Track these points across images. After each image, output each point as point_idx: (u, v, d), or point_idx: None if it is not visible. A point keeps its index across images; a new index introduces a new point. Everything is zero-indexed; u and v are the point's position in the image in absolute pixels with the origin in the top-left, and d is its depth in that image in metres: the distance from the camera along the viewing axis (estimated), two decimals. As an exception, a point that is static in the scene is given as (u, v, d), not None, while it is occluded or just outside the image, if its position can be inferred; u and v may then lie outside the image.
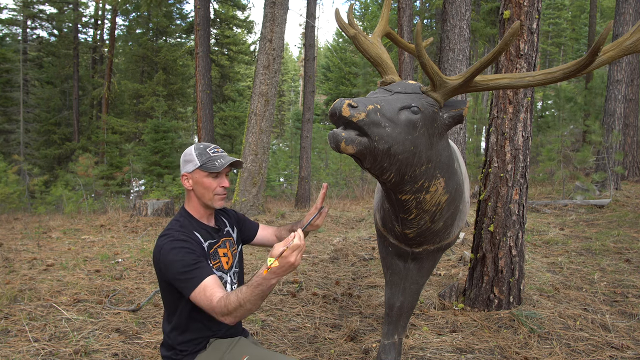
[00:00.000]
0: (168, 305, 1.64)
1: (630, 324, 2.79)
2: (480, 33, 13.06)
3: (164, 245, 1.52)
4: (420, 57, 1.43)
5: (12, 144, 17.55)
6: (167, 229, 1.59)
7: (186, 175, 1.65)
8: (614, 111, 8.29)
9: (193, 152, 1.65)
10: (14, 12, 19.03)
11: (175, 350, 1.63)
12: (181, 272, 1.46)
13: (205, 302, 1.42)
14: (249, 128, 7.49)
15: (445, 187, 1.62)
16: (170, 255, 1.49)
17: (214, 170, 1.61)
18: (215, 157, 1.63)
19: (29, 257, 4.45)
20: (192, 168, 1.63)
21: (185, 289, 1.46)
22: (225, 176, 1.69)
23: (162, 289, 1.63)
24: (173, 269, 1.48)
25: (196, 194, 1.66)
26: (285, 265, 1.28)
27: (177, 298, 1.58)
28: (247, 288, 1.34)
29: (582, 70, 1.38)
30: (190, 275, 1.46)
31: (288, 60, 45.11)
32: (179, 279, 1.47)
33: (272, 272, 1.29)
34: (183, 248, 1.51)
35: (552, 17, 29.78)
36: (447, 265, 4.22)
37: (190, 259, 1.49)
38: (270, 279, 1.30)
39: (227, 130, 18.66)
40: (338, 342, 2.66)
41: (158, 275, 1.59)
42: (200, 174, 1.63)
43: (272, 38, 7.21)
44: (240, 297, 1.34)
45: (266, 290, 1.33)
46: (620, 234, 5.04)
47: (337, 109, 1.34)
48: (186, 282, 1.46)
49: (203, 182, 1.63)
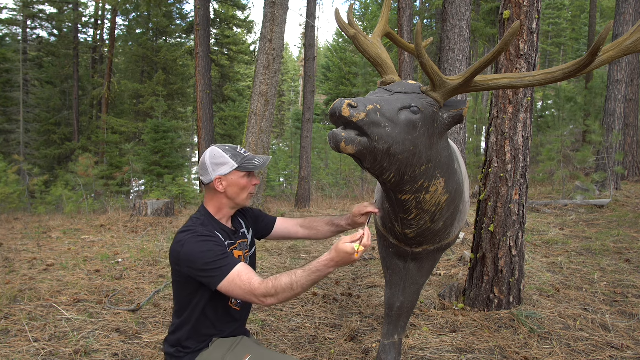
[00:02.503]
0: (180, 301, 1.64)
1: (630, 324, 2.79)
2: (480, 33, 13.06)
3: (188, 239, 1.53)
4: (420, 57, 1.43)
5: (12, 144, 17.53)
6: (189, 226, 1.59)
7: (221, 178, 1.63)
8: (614, 111, 8.29)
9: (224, 154, 1.64)
10: (14, 12, 18.99)
11: (178, 347, 1.63)
12: (210, 262, 1.47)
13: (242, 286, 1.44)
14: (249, 128, 7.49)
15: (445, 187, 1.62)
16: (197, 248, 1.50)
17: (254, 169, 1.64)
18: (250, 157, 1.66)
19: (29, 257, 4.45)
20: (229, 170, 1.62)
21: (213, 279, 1.47)
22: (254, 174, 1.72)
23: (176, 284, 1.62)
24: (200, 260, 1.48)
25: (228, 195, 1.66)
26: (348, 258, 1.38)
27: (191, 293, 1.59)
28: (303, 272, 1.41)
29: (582, 70, 1.38)
30: (221, 264, 1.48)
31: (288, 60, 45.11)
32: (206, 270, 1.48)
33: (333, 262, 1.39)
34: (209, 241, 1.53)
35: (552, 17, 29.78)
36: (447, 265, 4.22)
37: (219, 250, 1.52)
38: (330, 266, 1.40)
39: (227, 130, 18.67)
40: (338, 342, 2.66)
41: (175, 269, 1.58)
42: (237, 175, 1.64)
43: (272, 38, 7.21)
44: (294, 279, 1.40)
45: (320, 278, 1.41)
46: (620, 234, 5.04)
47: (337, 109, 1.34)
48: (215, 271, 1.47)
49: (239, 183, 1.65)
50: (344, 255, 1.38)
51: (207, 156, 1.65)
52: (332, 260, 1.39)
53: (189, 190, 9.39)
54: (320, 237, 1.94)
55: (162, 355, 2.45)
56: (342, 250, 1.38)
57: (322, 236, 1.94)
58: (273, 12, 7.26)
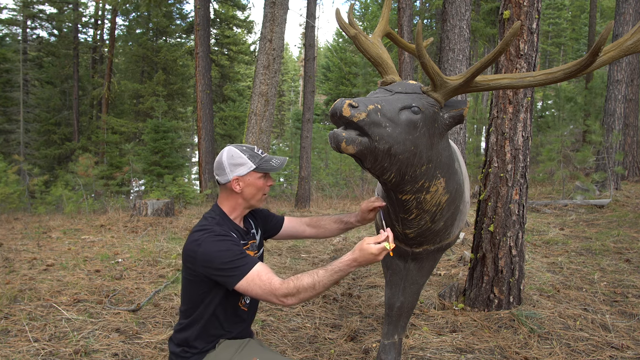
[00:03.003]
0: (191, 299, 1.62)
1: (630, 324, 2.79)
2: (480, 33, 13.06)
3: (205, 238, 1.53)
4: (421, 57, 1.43)
5: (12, 144, 17.52)
6: (204, 225, 1.59)
7: (238, 179, 1.63)
8: (614, 111, 8.29)
9: (242, 154, 1.63)
10: (14, 12, 18.98)
11: (184, 347, 1.63)
12: (228, 262, 1.48)
13: (262, 285, 1.45)
14: (249, 128, 7.48)
15: (446, 187, 1.61)
16: (215, 247, 1.50)
17: (272, 170, 1.64)
18: (267, 157, 1.67)
19: (29, 257, 4.45)
20: (246, 170, 1.62)
21: (231, 278, 1.48)
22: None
23: (188, 283, 1.61)
24: (218, 259, 1.48)
25: (244, 196, 1.66)
26: (372, 259, 1.41)
27: (204, 292, 1.58)
28: (325, 272, 1.43)
29: (583, 70, 1.38)
30: (239, 263, 1.48)
31: (288, 60, 45.10)
32: (224, 269, 1.48)
33: (356, 262, 1.42)
34: (227, 241, 1.53)
35: (552, 17, 29.78)
36: (447, 265, 4.22)
37: (237, 250, 1.52)
38: (352, 266, 1.42)
39: (227, 130, 18.66)
40: (338, 342, 2.66)
41: (188, 268, 1.57)
42: (255, 176, 1.64)
43: (272, 38, 7.21)
44: (316, 279, 1.42)
45: (341, 277, 1.44)
46: (620, 234, 5.04)
47: (338, 109, 1.34)
48: (234, 270, 1.47)
49: (256, 183, 1.65)
50: (368, 255, 1.40)
51: (224, 156, 1.64)
52: (355, 261, 1.42)
53: (189, 190, 9.38)
54: (327, 235, 1.96)
55: (162, 355, 2.45)
56: (367, 250, 1.40)
57: (330, 234, 1.96)
58: (273, 12, 7.26)
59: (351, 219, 1.92)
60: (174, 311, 3.11)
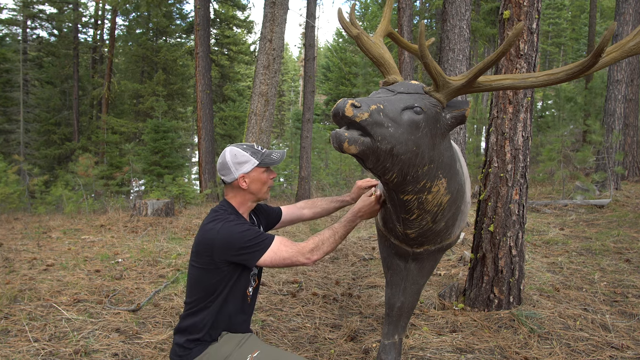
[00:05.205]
0: (205, 289, 1.66)
1: (630, 324, 2.79)
2: (480, 33, 13.07)
3: (222, 225, 1.61)
4: (424, 58, 1.43)
5: (12, 144, 17.51)
6: (218, 215, 1.67)
7: (244, 176, 1.71)
8: (614, 111, 8.29)
9: (245, 152, 1.72)
10: (14, 12, 18.95)
11: (188, 337, 1.66)
12: (250, 239, 1.59)
13: (288, 249, 1.60)
14: (249, 128, 7.48)
15: (447, 188, 1.61)
16: (235, 229, 1.60)
17: (274, 164, 1.74)
18: (267, 152, 1.77)
19: (29, 257, 4.45)
20: (251, 167, 1.71)
21: (255, 253, 1.59)
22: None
23: (203, 272, 1.65)
24: (240, 240, 1.57)
25: (251, 191, 1.74)
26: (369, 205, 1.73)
27: (219, 281, 1.64)
28: (339, 224, 1.69)
29: (585, 71, 1.38)
30: (261, 238, 1.60)
31: (288, 60, 45.09)
32: (247, 247, 1.57)
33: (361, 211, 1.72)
34: (245, 223, 1.64)
35: (552, 17, 29.79)
36: (447, 265, 4.22)
37: (255, 230, 1.64)
38: (359, 216, 1.72)
39: (227, 130, 18.65)
40: (338, 342, 2.66)
41: (204, 258, 1.62)
42: (259, 171, 1.74)
43: (272, 38, 7.21)
44: (334, 230, 1.66)
45: (352, 227, 1.71)
46: (620, 234, 5.04)
47: (340, 109, 1.34)
48: (256, 246, 1.59)
49: (261, 178, 1.74)
50: (367, 202, 1.72)
51: (227, 156, 1.71)
52: (360, 210, 1.72)
53: (189, 190, 9.37)
54: (324, 214, 2.10)
55: (162, 355, 2.45)
56: (365, 199, 1.73)
57: (326, 213, 2.10)
58: (273, 12, 7.26)
59: (346, 198, 2.09)
60: (174, 311, 3.10)
